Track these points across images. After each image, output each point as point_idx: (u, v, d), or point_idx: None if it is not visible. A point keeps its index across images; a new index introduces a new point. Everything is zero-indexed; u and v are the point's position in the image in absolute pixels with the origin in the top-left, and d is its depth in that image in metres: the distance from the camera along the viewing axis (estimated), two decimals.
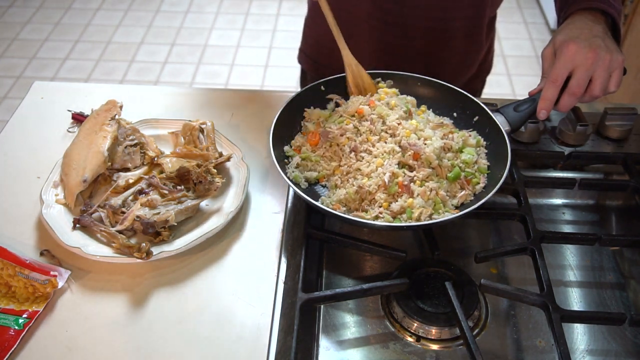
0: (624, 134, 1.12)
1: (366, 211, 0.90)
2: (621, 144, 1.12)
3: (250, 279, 0.90)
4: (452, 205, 0.91)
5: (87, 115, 1.09)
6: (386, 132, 0.95)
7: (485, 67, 1.37)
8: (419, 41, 1.20)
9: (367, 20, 1.18)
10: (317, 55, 1.33)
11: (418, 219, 0.88)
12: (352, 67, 1.04)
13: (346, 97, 1.07)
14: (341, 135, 0.96)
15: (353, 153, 0.94)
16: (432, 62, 1.24)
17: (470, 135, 0.99)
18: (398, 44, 1.21)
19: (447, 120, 1.02)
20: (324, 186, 0.97)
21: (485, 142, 0.99)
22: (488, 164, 0.96)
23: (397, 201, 0.89)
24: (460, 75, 1.31)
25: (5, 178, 1.05)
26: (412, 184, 0.90)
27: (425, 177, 0.90)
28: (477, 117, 1.02)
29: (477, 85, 1.39)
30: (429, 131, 0.95)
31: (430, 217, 0.88)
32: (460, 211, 0.89)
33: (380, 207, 0.89)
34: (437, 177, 0.92)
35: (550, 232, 0.95)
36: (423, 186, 0.90)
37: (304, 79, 1.43)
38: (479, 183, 0.93)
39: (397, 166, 0.91)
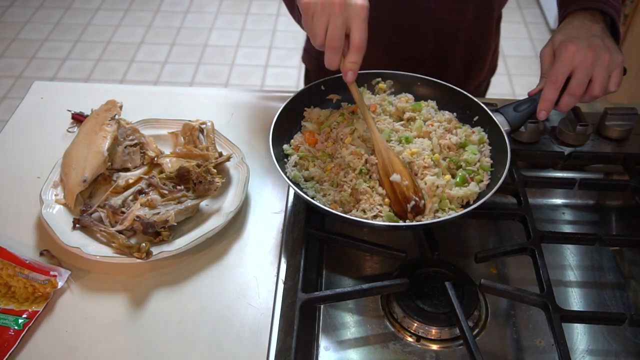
0: (624, 134, 1.12)
1: (364, 211, 0.89)
2: (621, 144, 1.12)
3: (250, 279, 0.90)
4: (458, 202, 0.91)
5: (87, 115, 1.09)
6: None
7: (490, 68, 1.37)
8: (429, 44, 1.20)
9: (375, 24, 1.18)
10: (321, 56, 1.33)
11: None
12: (382, 154, 0.91)
13: (345, 96, 1.07)
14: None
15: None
16: (440, 65, 1.24)
17: (474, 132, 0.99)
18: (407, 47, 1.21)
19: (448, 114, 1.02)
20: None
21: (487, 140, 0.99)
22: (491, 161, 0.96)
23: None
24: (469, 79, 1.30)
25: (5, 178, 1.05)
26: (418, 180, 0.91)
27: (431, 184, 0.91)
28: (477, 117, 1.02)
29: (482, 87, 1.39)
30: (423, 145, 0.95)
31: (434, 214, 0.88)
32: (460, 211, 0.89)
33: (379, 205, 0.89)
34: (444, 176, 0.92)
35: (550, 232, 0.95)
36: (427, 183, 0.89)
37: (307, 79, 1.42)
38: (482, 181, 0.93)
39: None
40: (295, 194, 1.01)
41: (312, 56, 1.36)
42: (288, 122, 1.01)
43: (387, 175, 0.89)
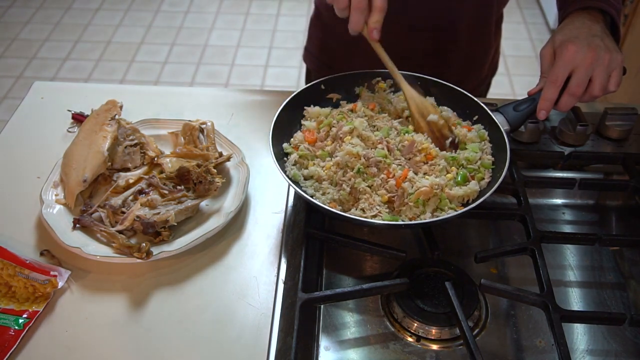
0: (624, 134, 1.11)
1: (364, 210, 0.89)
2: (621, 144, 1.12)
3: (250, 279, 0.90)
4: (458, 201, 0.91)
5: (87, 115, 1.09)
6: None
7: (491, 68, 1.37)
8: (426, 42, 1.20)
9: None
10: (322, 55, 1.33)
11: (415, 217, 0.88)
12: (415, 99, 1.00)
13: (344, 95, 1.07)
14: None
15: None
16: (439, 64, 1.24)
17: (472, 129, 0.99)
18: (404, 46, 1.21)
19: (449, 112, 1.02)
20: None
21: (487, 138, 0.99)
22: (492, 159, 0.96)
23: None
24: (468, 79, 1.30)
25: (5, 178, 1.05)
26: (417, 176, 0.91)
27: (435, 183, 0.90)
28: (476, 117, 1.02)
29: (482, 87, 1.39)
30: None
31: (432, 213, 0.88)
32: (459, 209, 0.89)
33: (379, 205, 0.89)
34: (446, 175, 0.92)
35: (550, 232, 0.95)
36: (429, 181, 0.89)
37: (308, 79, 1.42)
38: (483, 178, 0.93)
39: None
40: (295, 194, 1.01)
41: (314, 55, 1.36)
42: (288, 121, 1.01)
43: (424, 117, 0.98)
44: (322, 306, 0.89)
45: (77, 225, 0.92)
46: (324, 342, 0.85)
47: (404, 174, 0.90)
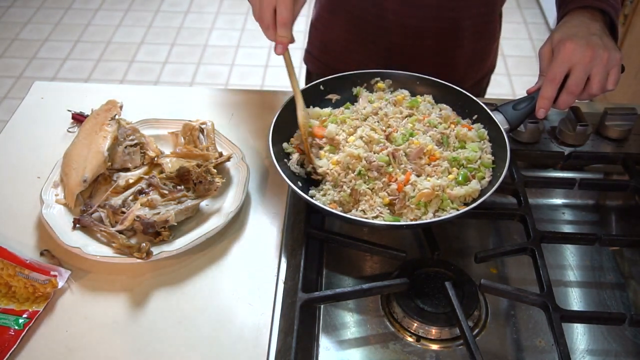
0: (624, 134, 1.11)
1: (364, 211, 0.89)
2: (621, 144, 1.12)
3: (250, 279, 0.90)
4: (460, 201, 0.90)
5: (87, 115, 1.09)
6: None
7: (491, 64, 1.37)
8: (430, 42, 1.20)
9: (375, 21, 1.18)
10: (323, 57, 1.33)
11: (417, 218, 0.88)
12: (304, 116, 0.99)
13: (344, 96, 1.07)
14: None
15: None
16: (443, 63, 1.24)
17: (472, 128, 0.98)
18: (408, 45, 1.21)
19: (448, 111, 1.02)
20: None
21: (487, 137, 0.99)
22: (492, 157, 0.96)
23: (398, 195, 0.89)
24: (471, 76, 1.30)
25: (5, 178, 1.05)
26: (418, 178, 0.91)
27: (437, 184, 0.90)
28: (476, 116, 1.02)
29: (482, 84, 1.39)
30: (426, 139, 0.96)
31: (434, 214, 0.88)
32: (460, 209, 0.89)
33: (380, 207, 0.89)
34: (448, 175, 0.92)
35: (550, 232, 0.95)
36: (430, 182, 0.89)
37: (309, 80, 1.43)
38: (484, 177, 0.93)
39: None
40: (296, 194, 1.01)
41: (314, 57, 1.36)
42: (288, 122, 1.01)
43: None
44: (322, 306, 0.89)
45: (77, 225, 0.92)
46: (324, 342, 0.85)
47: (407, 177, 0.90)
